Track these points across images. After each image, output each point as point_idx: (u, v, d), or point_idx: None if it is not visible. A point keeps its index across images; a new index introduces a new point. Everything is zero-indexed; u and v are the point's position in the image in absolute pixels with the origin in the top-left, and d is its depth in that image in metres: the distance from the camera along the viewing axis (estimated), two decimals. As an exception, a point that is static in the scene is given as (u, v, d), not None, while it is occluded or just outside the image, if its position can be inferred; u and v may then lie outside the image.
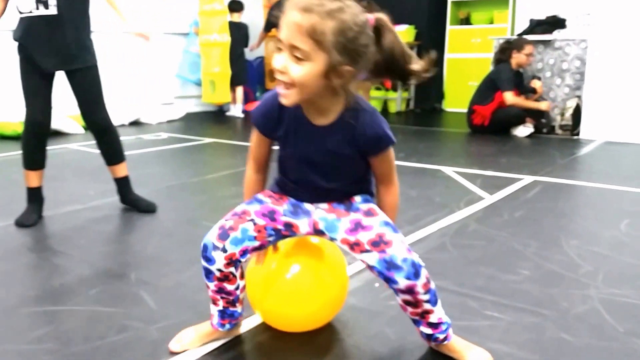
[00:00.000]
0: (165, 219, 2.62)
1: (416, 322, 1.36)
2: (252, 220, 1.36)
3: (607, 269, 1.99)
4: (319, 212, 1.38)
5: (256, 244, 1.37)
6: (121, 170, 2.73)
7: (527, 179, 3.37)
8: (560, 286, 1.85)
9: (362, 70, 1.19)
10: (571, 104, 5.08)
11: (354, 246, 1.32)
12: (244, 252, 1.35)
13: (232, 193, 3.03)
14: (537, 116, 5.13)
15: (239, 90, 6.73)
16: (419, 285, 1.27)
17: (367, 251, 1.30)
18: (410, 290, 1.27)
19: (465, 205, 2.79)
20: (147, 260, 2.10)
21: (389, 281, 1.27)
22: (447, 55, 7.56)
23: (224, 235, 1.34)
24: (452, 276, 1.92)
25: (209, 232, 1.36)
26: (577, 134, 5.07)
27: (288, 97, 1.20)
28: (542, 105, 5.10)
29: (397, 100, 7.45)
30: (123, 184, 2.76)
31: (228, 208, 1.50)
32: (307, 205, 1.39)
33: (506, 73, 5.05)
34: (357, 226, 1.32)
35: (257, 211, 1.38)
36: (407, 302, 1.31)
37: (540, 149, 4.59)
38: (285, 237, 1.43)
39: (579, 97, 5.09)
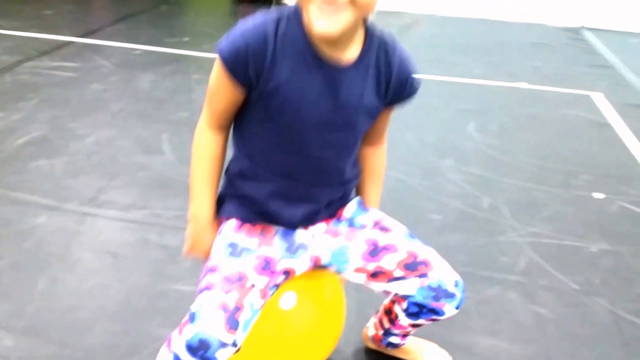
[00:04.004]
0: None
1: (392, 334, 1.10)
2: (253, 285, 0.89)
3: (503, 198, 1.88)
4: (320, 241, 0.96)
5: (259, 314, 0.90)
6: None
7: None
8: (484, 234, 1.67)
9: None
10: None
11: (378, 275, 0.95)
12: None
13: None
14: None
15: None
16: None
17: (398, 278, 0.94)
18: (439, 318, 0.99)
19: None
20: None
21: (432, 312, 0.96)
22: None
23: (233, 322, 0.83)
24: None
25: (200, 318, 0.82)
26: None
27: (337, 22, 0.76)
28: None
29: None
30: None
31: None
32: (301, 235, 0.96)
33: None
34: (376, 248, 0.96)
35: (255, 267, 0.90)
36: (415, 326, 1.04)
37: None
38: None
39: None
